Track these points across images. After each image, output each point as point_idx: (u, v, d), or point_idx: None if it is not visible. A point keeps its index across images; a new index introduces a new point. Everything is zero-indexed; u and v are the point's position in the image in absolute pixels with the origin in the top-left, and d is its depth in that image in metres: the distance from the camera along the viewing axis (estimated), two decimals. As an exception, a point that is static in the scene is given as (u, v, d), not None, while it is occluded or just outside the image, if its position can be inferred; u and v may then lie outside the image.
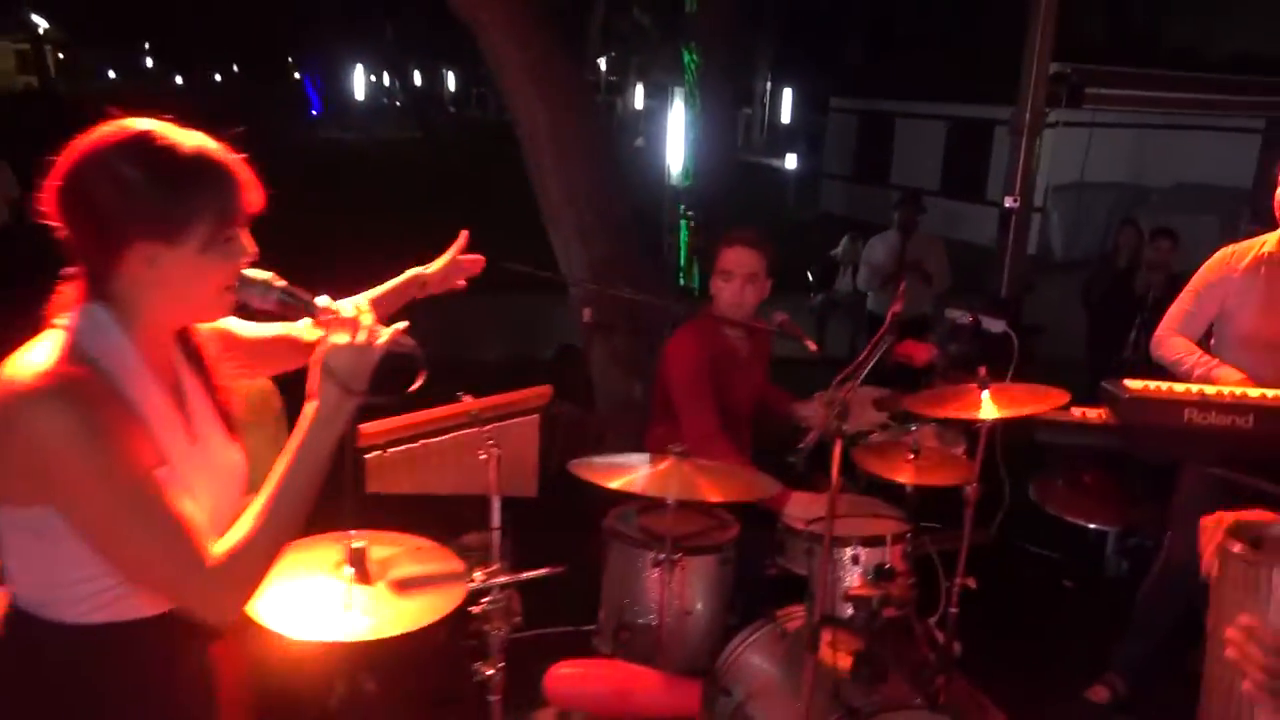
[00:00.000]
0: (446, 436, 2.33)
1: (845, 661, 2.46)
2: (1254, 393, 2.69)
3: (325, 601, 1.74)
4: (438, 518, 2.53)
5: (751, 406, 3.43)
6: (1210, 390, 2.69)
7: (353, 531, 1.84)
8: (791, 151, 21.78)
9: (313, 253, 11.70)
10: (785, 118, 33.37)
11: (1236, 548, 1.34)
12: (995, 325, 4.65)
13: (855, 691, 2.39)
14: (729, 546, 2.78)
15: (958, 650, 2.83)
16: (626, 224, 5.40)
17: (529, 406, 2.46)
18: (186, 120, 1.40)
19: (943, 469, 3.02)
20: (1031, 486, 4.62)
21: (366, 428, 2.31)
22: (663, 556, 2.58)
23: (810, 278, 9.99)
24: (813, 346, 2.95)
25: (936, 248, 7.04)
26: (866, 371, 2.74)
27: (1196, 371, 2.99)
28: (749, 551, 2.93)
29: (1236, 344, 3.06)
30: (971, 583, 2.85)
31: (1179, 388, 2.72)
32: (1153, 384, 2.74)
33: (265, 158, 1.47)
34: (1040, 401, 2.66)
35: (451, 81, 48.74)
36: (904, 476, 2.93)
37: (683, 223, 8.32)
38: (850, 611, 2.49)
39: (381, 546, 1.87)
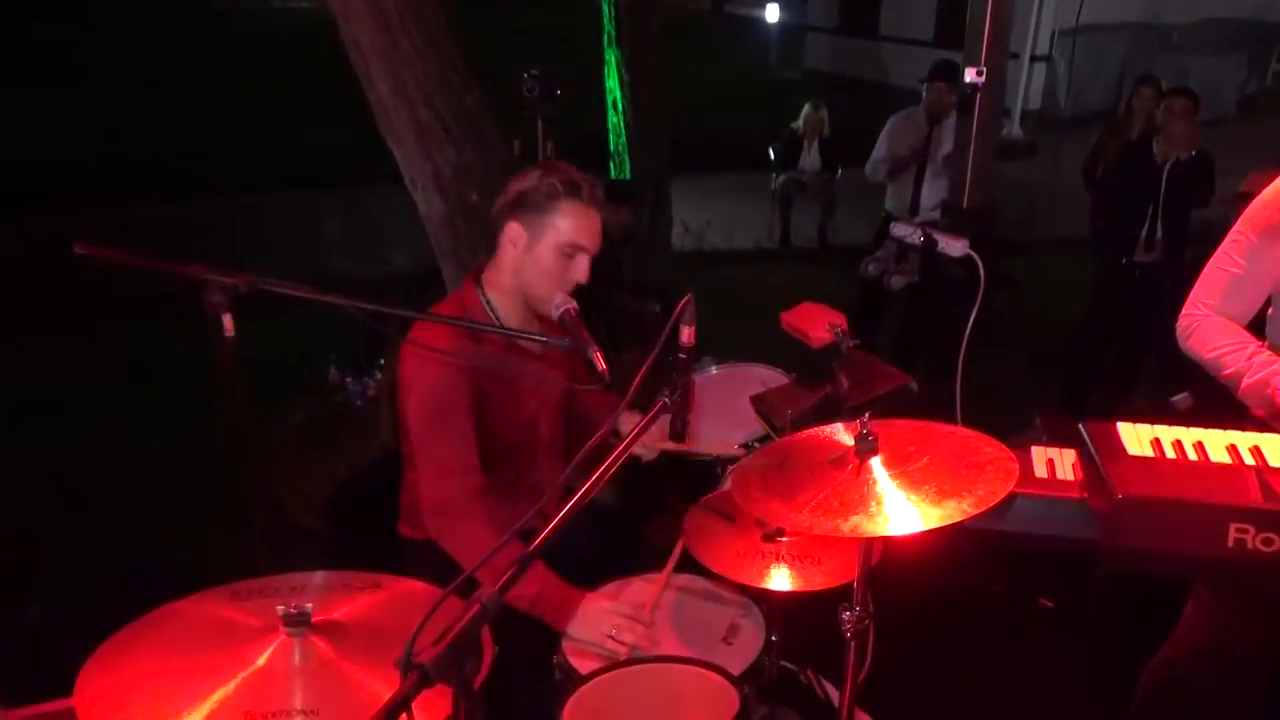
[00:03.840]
0: None
1: None
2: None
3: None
4: None
5: (556, 425, 2.28)
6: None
7: None
8: (773, 1, 19.83)
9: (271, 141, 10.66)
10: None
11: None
12: (955, 247, 3.41)
13: None
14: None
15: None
16: (480, 121, 4.15)
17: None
18: None
19: (827, 555, 1.87)
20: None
21: None
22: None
23: (772, 155, 8.60)
24: (602, 366, 1.74)
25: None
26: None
27: (1246, 380, 1.80)
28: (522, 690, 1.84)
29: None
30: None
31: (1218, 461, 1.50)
32: (1172, 436, 1.55)
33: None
34: (971, 479, 1.48)
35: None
36: (756, 573, 1.80)
37: (611, 96, 6.99)
38: None
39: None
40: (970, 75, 3.21)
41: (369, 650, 1.41)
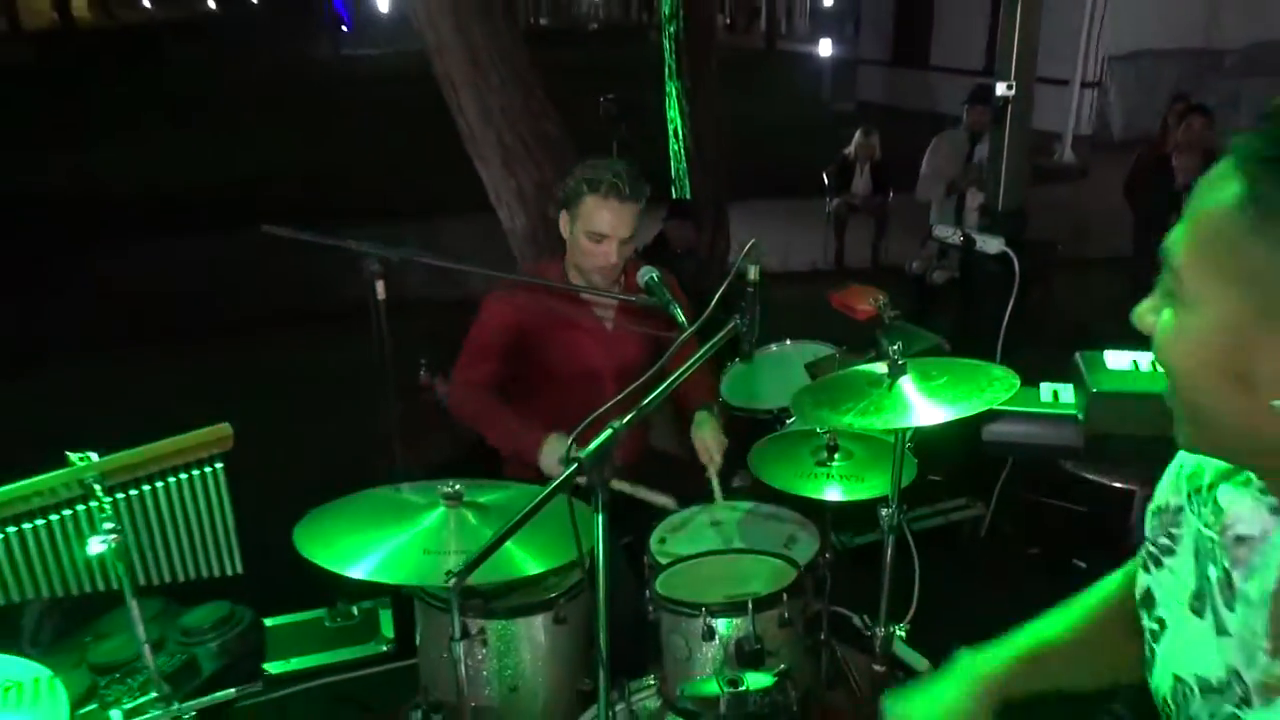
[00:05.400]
0: (41, 522, 1.63)
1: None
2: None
3: None
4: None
5: (621, 382, 2.66)
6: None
7: None
8: (828, 36, 20.31)
9: (348, 192, 11.49)
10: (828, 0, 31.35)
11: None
12: (991, 245, 3.77)
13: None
14: (565, 599, 2.06)
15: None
16: (558, 142, 4.61)
17: (194, 458, 1.76)
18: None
19: (868, 473, 2.25)
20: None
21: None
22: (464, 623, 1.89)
23: (826, 180, 8.98)
24: (681, 318, 2.15)
25: None
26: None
27: None
28: (618, 596, 2.22)
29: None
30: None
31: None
32: (1149, 357, 1.91)
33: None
34: (981, 389, 1.85)
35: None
36: (811, 489, 2.17)
37: (673, 125, 7.44)
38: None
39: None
40: (1001, 89, 3.59)
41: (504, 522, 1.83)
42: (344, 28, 37.58)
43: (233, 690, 1.90)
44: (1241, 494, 0.85)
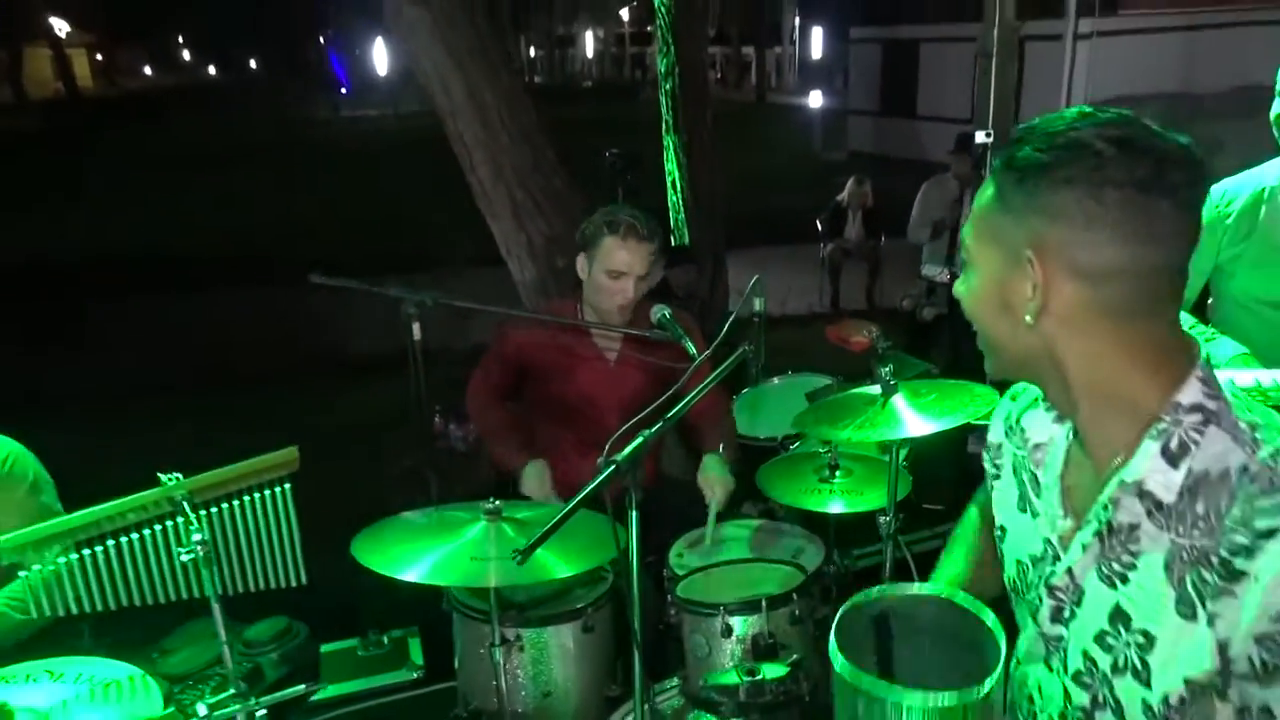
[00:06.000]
0: (136, 535, 1.83)
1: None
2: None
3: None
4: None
5: (623, 412, 2.81)
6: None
7: None
8: (818, 89, 20.83)
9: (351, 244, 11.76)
10: (816, 54, 32.10)
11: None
12: (978, 282, 3.99)
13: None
14: (592, 609, 2.25)
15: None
16: (566, 197, 4.85)
17: (265, 479, 1.95)
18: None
19: (867, 488, 2.44)
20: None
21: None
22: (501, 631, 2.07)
23: (820, 227, 9.27)
24: (692, 351, 2.36)
25: None
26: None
27: None
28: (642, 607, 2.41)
29: (1234, 305, 2.40)
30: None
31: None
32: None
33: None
34: (965, 404, 2.06)
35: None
36: (815, 503, 2.37)
37: (671, 177, 7.72)
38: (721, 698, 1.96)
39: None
40: (980, 137, 3.85)
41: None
42: (343, 90, 38.42)
43: (301, 686, 2.08)
44: (1035, 414, 1.19)
